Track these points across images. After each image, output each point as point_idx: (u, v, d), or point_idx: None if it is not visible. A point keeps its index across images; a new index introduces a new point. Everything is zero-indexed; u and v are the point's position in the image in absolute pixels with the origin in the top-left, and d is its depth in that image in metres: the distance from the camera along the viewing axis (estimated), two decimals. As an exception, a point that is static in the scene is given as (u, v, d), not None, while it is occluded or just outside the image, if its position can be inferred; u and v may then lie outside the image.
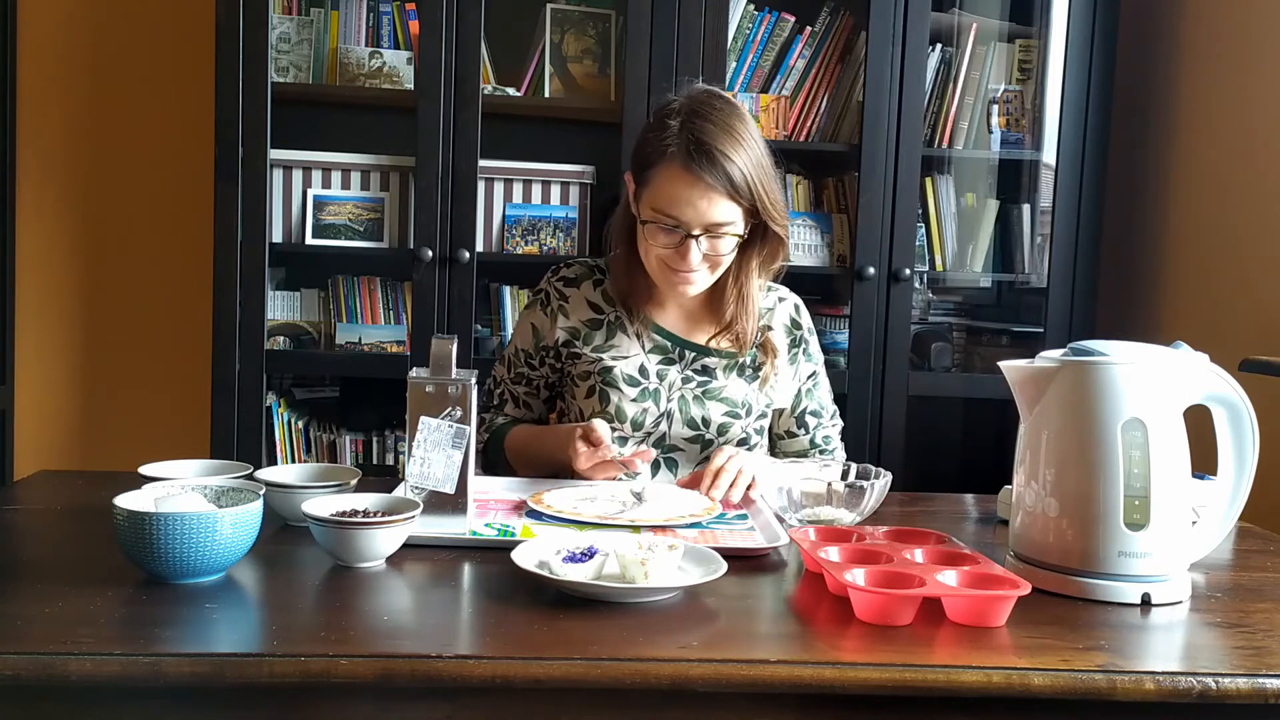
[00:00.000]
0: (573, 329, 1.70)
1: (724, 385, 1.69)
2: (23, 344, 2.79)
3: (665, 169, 1.55)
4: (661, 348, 1.69)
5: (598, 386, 1.66)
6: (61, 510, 1.40)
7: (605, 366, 1.67)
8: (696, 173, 1.52)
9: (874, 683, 0.93)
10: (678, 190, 1.53)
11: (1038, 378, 1.19)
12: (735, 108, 1.60)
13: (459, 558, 1.22)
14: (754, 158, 1.55)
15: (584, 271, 1.74)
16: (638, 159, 1.61)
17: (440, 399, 1.27)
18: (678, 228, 1.55)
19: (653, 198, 1.56)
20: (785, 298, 1.80)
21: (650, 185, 1.57)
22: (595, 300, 1.72)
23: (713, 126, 1.54)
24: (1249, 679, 0.95)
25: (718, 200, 1.53)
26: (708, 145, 1.52)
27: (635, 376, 1.67)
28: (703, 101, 1.59)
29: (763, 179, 1.56)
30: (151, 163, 2.78)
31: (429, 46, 2.36)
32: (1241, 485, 1.20)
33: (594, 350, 1.69)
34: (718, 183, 1.52)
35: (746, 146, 1.55)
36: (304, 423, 2.60)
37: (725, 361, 1.70)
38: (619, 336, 1.69)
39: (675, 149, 1.54)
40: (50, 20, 2.73)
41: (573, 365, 1.71)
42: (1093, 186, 2.54)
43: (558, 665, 0.92)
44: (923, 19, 2.47)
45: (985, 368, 2.68)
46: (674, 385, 1.67)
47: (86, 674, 0.89)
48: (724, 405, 1.68)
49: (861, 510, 1.39)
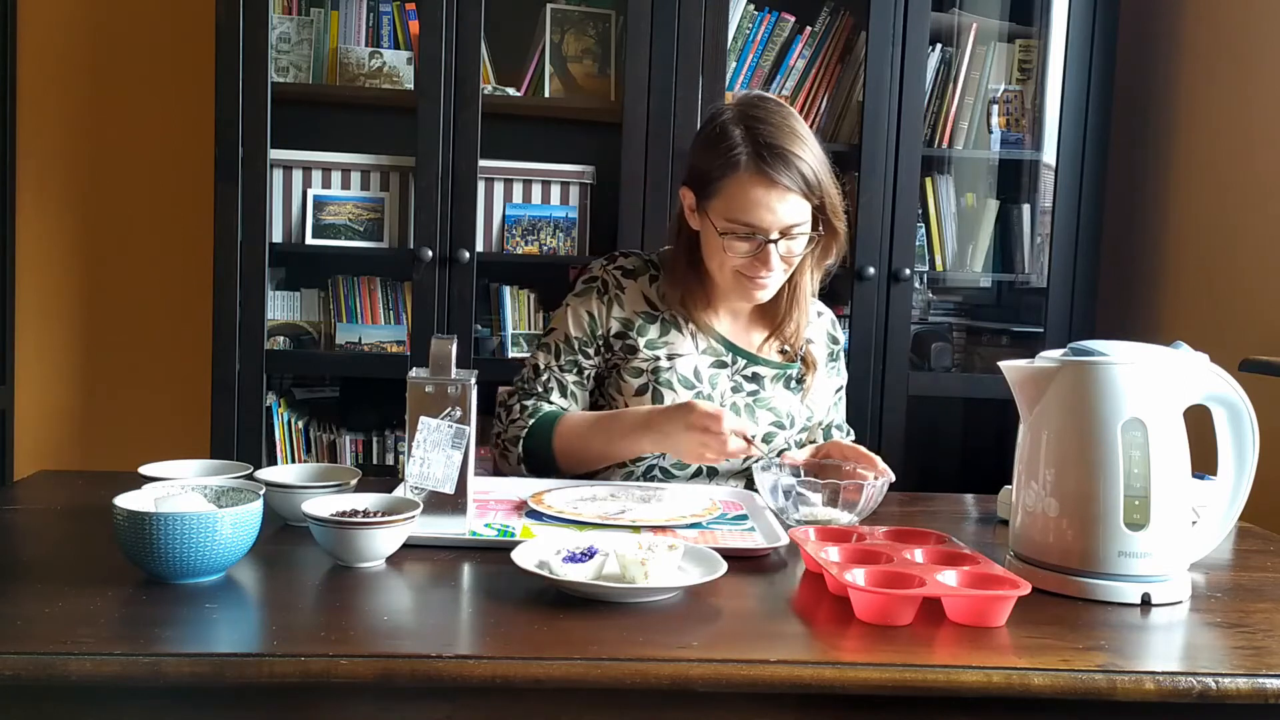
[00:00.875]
0: (626, 320, 1.68)
1: (771, 395, 1.68)
2: (23, 344, 2.79)
3: (738, 177, 1.54)
4: (714, 351, 1.68)
5: (650, 384, 1.64)
6: (61, 510, 1.40)
7: (661, 366, 1.65)
8: (772, 177, 1.52)
9: (874, 683, 0.93)
10: (755, 196, 1.53)
11: (1038, 378, 1.19)
12: (787, 108, 1.60)
13: (459, 558, 1.22)
14: (817, 154, 1.56)
15: (641, 265, 1.72)
16: (700, 172, 1.59)
17: (440, 399, 1.27)
18: (755, 234, 1.54)
19: (726, 208, 1.55)
20: (823, 312, 1.81)
21: (722, 196, 1.56)
22: (651, 296, 1.70)
23: (775, 129, 1.54)
24: (1249, 679, 0.95)
25: (793, 201, 1.54)
26: (778, 147, 1.52)
27: (690, 379, 1.65)
28: (757, 105, 1.59)
29: (827, 175, 1.57)
30: (151, 163, 2.78)
31: (429, 46, 2.36)
32: (1241, 485, 1.20)
33: (649, 345, 1.66)
34: (793, 184, 1.52)
35: (810, 144, 1.56)
36: (304, 423, 2.60)
37: (774, 372, 1.69)
38: (673, 334, 1.67)
39: (745, 156, 1.53)
40: (50, 20, 2.73)
41: (624, 359, 1.67)
42: (1093, 186, 2.54)
43: (558, 665, 0.92)
44: (923, 19, 2.47)
45: (985, 368, 2.68)
46: (725, 392, 1.66)
47: (86, 674, 0.89)
48: (771, 415, 1.67)
49: (860, 510, 1.39)
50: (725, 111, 1.60)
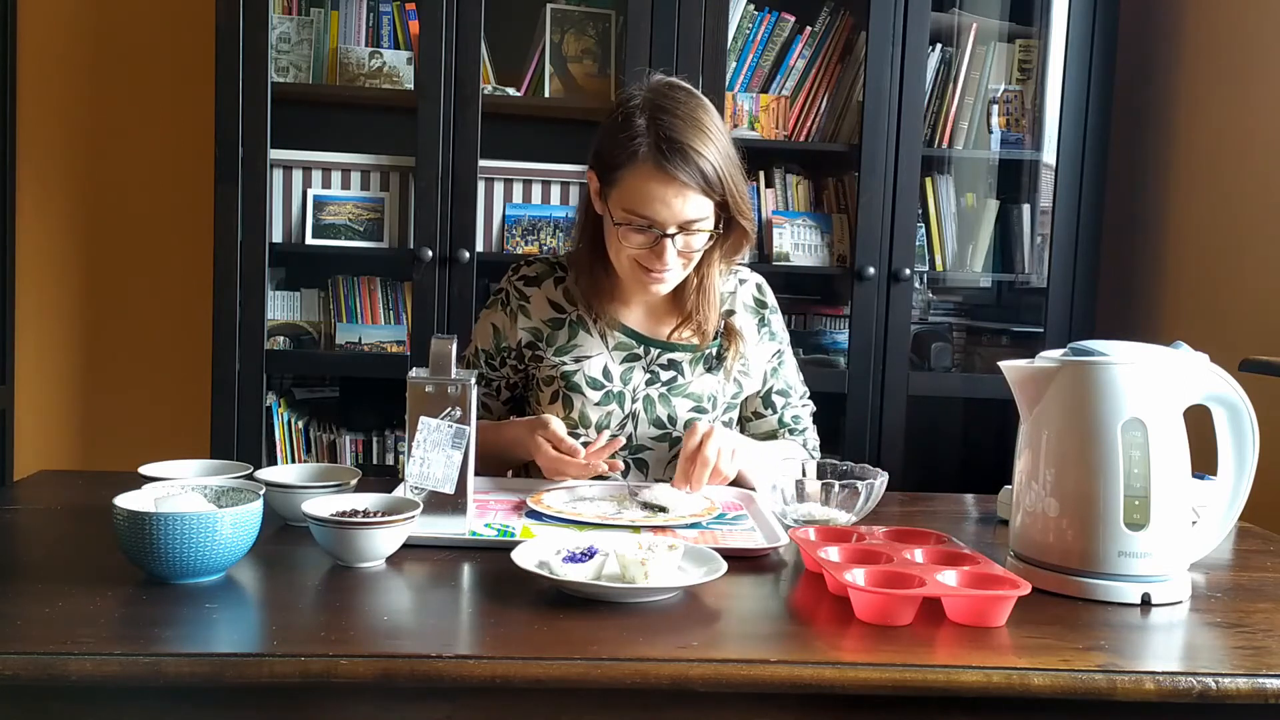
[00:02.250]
0: (535, 329, 1.67)
1: (690, 381, 1.66)
2: (23, 344, 2.79)
3: (636, 169, 1.50)
4: (625, 345, 1.66)
5: (560, 391, 1.64)
6: (61, 510, 1.40)
7: (567, 370, 1.64)
8: (670, 171, 1.48)
9: (874, 683, 0.93)
10: (651, 190, 1.50)
11: (1038, 378, 1.19)
12: (699, 99, 1.56)
13: (459, 558, 1.22)
14: (722, 150, 1.52)
15: (544, 270, 1.71)
16: (602, 158, 1.56)
17: (440, 399, 1.27)
18: (651, 227, 1.52)
19: (624, 198, 1.52)
20: (746, 279, 1.76)
21: (620, 185, 1.53)
22: (556, 299, 1.68)
23: (680, 121, 1.50)
24: (1249, 679, 0.95)
25: (692, 197, 1.50)
26: (679, 142, 1.48)
27: (598, 379, 1.64)
28: (665, 95, 1.54)
29: (732, 171, 1.53)
30: (151, 163, 2.78)
31: (429, 46, 2.36)
32: (1241, 485, 1.20)
33: (556, 352, 1.65)
34: (691, 180, 1.49)
35: (715, 140, 1.51)
36: (304, 423, 2.60)
37: (691, 355, 1.67)
38: (581, 336, 1.66)
39: (645, 147, 1.49)
40: (50, 20, 2.73)
41: (536, 368, 1.68)
42: (1093, 186, 2.54)
43: (558, 665, 0.92)
44: (923, 19, 2.47)
45: (985, 368, 2.68)
46: (638, 386, 1.65)
47: (86, 674, 0.89)
48: (690, 401, 1.65)
49: (857, 510, 1.39)
50: (635, 97, 1.55)
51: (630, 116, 1.52)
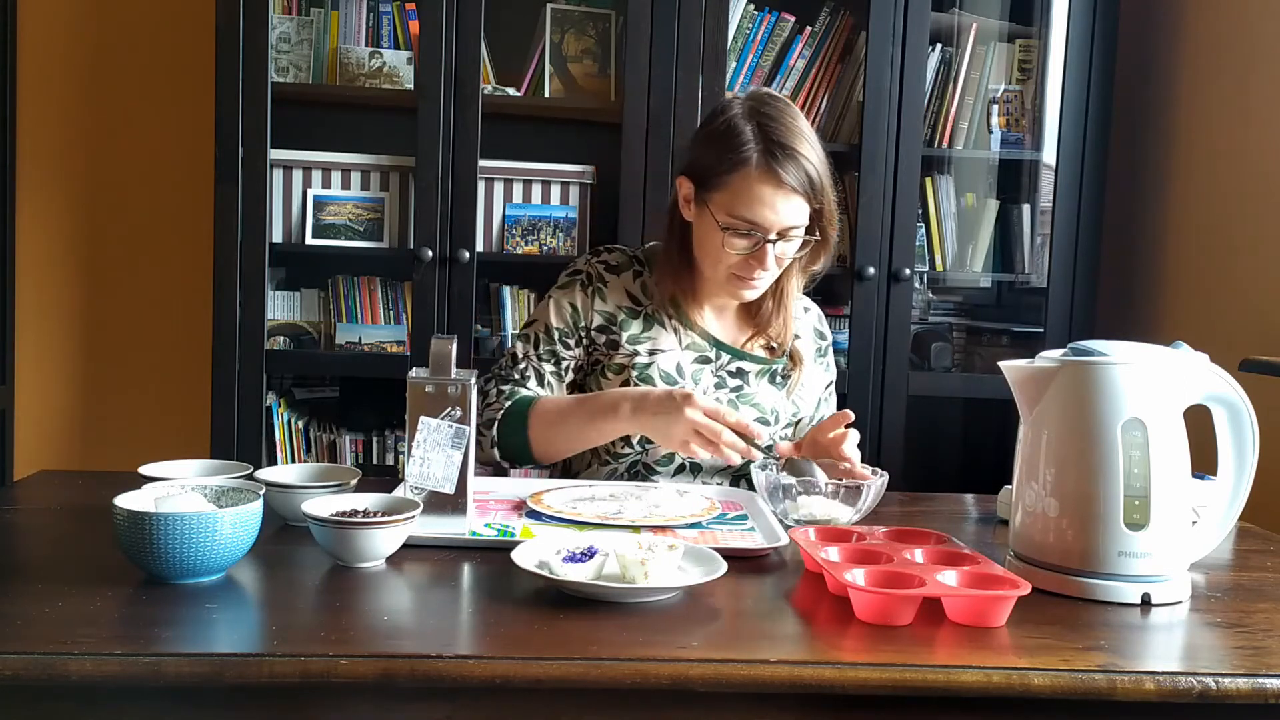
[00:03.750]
0: (609, 314, 1.68)
1: (755, 391, 1.68)
2: (23, 344, 2.79)
3: (747, 173, 1.53)
4: (698, 347, 1.68)
5: (631, 381, 1.64)
6: (61, 510, 1.40)
7: (643, 361, 1.65)
8: (780, 175, 1.52)
9: (874, 683, 0.93)
10: (761, 193, 1.53)
11: (1038, 378, 1.19)
12: (795, 109, 1.61)
13: (459, 558, 1.22)
14: (821, 157, 1.57)
15: (625, 260, 1.72)
16: (704, 165, 1.59)
17: (440, 399, 1.27)
18: (754, 232, 1.55)
19: (731, 203, 1.55)
20: (810, 307, 1.82)
21: (727, 190, 1.55)
22: (634, 291, 1.70)
23: (785, 128, 1.54)
24: (1249, 679, 0.95)
25: (796, 202, 1.54)
26: (789, 147, 1.52)
27: (671, 375, 1.65)
28: (767, 102, 1.58)
29: (829, 180, 1.57)
30: (151, 163, 2.78)
31: (429, 46, 2.36)
32: (1241, 485, 1.20)
33: (631, 340, 1.66)
34: (799, 185, 1.53)
35: (815, 146, 1.56)
36: (304, 423, 2.60)
37: (759, 367, 1.70)
38: (656, 329, 1.68)
39: (756, 153, 1.53)
40: (50, 20, 2.73)
41: (607, 354, 1.67)
42: (1093, 186, 2.54)
43: (558, 665, 0.92)
44: (923, 19, 2.47)
45: (985, 368, 2.68)
46: (707, 389, 1.66)
47: (86, 674, 0.89)
48: (755, 411, 1.67)
49: (858, 510, 1.39)
50: (734, 107, 1.60)
51: (736, 123, 1.56)
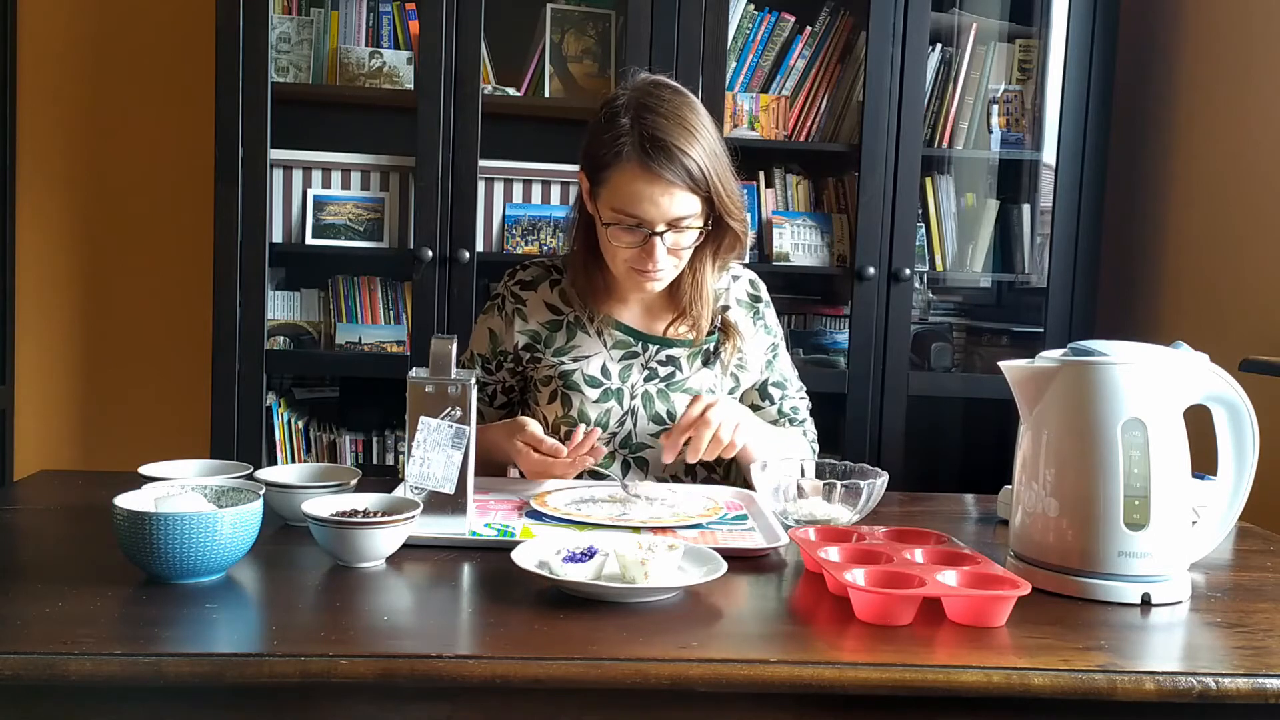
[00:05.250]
0: (533, 332, 1.67)
1: (688, 376, 1.67)
2: (23, 344, 2.79)
3: (622, 169, 1.51)
4: (623, 344, 1.67)
5: (559, 390, 1.64)
6: (61, 510, 1.40)
7: (566, 370, 1.64)
8: (655, 170, 1.48)
9: (874, 683, 0.93)
10: (638, 189, 1.50)
11: (1038, 378, 1.19)
12: (685, 96, 1.56)
13: (459, 558, 1.22)
14: (709, 148, 1.52)
15: (540, 273, 1.71)
16: (590, 159, 1.57)
17: (440, 399, 1.27)
18: (640, 226, 1.52)
19: (611, 198, 1.53)
20: (740, 275, 1.77)
21: (608, 186, 1.53)
22: (553, 301, 1.69)
23: (664, 120, 1.50)
24: (1249, 679, 0.95)
25: (678, 195, 1.50)
26: (663, 140, 1.48)
27: (597, 377, 1.64)
28: (650, 93, 1.54)
29: (719, 169, 1.52)
30: (151, 163, 2.78)
31: (429, 46, 2.36)
32: (1241, 485, 1.20)
33: (555, 353, 1.66)
34: (677, 178, 1.49)
35: (700, 137, 1.51)
36: (304, 423, 2.60)
37: (689, 351, 1.68)
38: (579, 336, 1.67)
39: (630, 147, 1.50)
40: (50, 20, 2.73)
41: (534, 370, 1.68)
42: (1093, 186, 2.54)
43: (558, 665, 0.92)
44: (923, 19, 2.47)
45: (985, 368, 2.68)
46: (636, 383, 1.65)
47: (86, 674, 0.89)
48: (689, 396, 1.64)
49: (858, 510, 1.39)
50: (620, 98, 1.56)
51: (615, 116, 1.53)
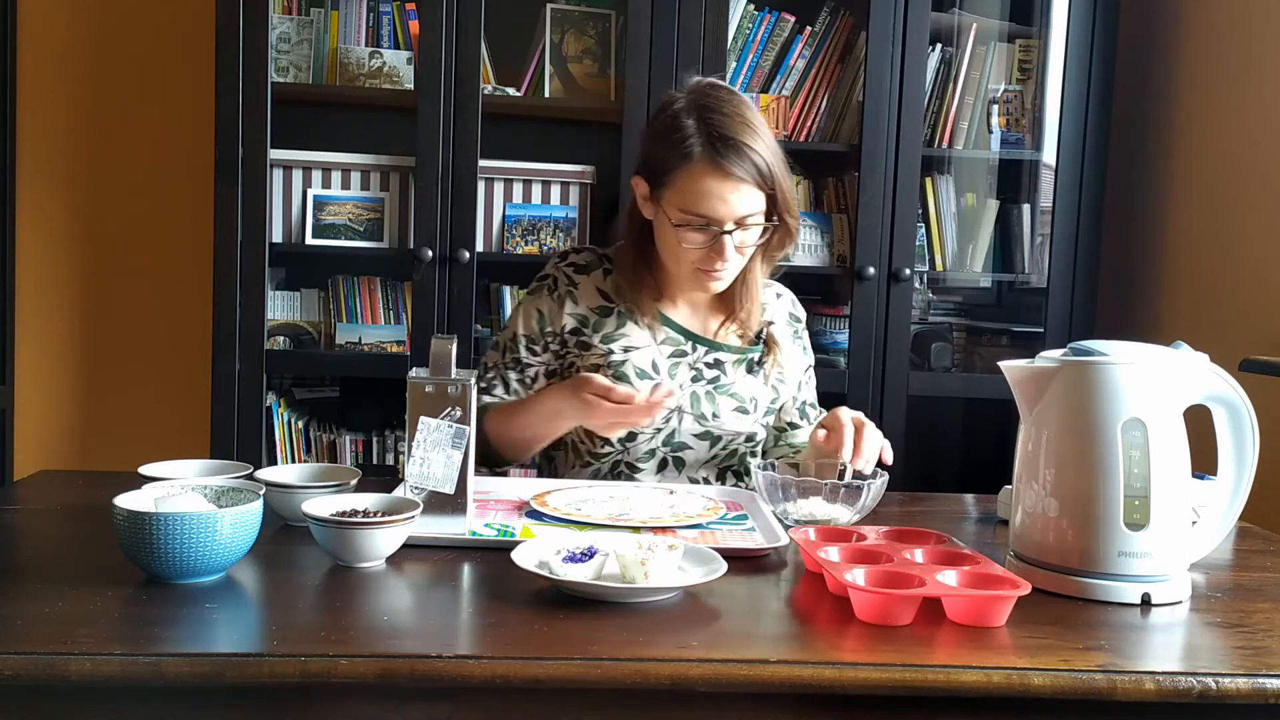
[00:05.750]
0: (582, 316, 1.68)
1: (733, 381, 1.68)
2: (23, 344, 2.79)
3: (690, 169, 1.53)
4: (673, 341, 1.68)
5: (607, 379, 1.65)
6: (61, 510, 1.40)
7: (616, 360, 1.65)
8: (725, 168, 1.51)
9: (874, 683, 0.93)
10: (708, 187, 1.52)
11: (1038, 378, 1.19)
12: (741, 97, 1.59)
13: (459, 558, 1.22)
14: (770, 145, 1.55)
15: (593, 260, 1.72)
16: (653, 163, 1.58)
17: (440, 399, 1.27)
18: (709, 225, 1.54)
19: (680, 199, 1.55)
20: (781, 293, 1.81)
21: (675, 187, 1.55)
22: (605, 289, 1.70)
23: (728, 119, 1.53)
24: (1249, 679, 0.95)
25: (747, 192, 1.53)
26: (732, 138, 1.51)
27: (647, 371, 1.65)
28: (709, 94, 1.57)
29: (780, 166, 1.56)
30: (151, 163, 2.78)
31: (429, 46, 2.36)
32: (1241, 485, 1.20)
33: (604, 340, 1.66)
34: (746, 174, 1.52)
35: (763, 134, 1.55)
36: (304, 423, 2.60)
37: (735, 356, 1.69)
38: (629, 327, 1.67)
39: (699, 147, 1.52)
40: (50, 20, 2.73)
41: (581, 356, 1.67)
42: (1093, 186, 2.54)
43: (558, 665, 0.92)
44: (923, 19, 2.47)
45: (985, 368, 2.68)
46: (684, 383, 1.66)
47: (86, 674, 0.89)
48: (734, 401, 1.67)
49: (858, 510, 1.39)
50: (678, 100, 1.58)
51: (678, 118, 1.55)
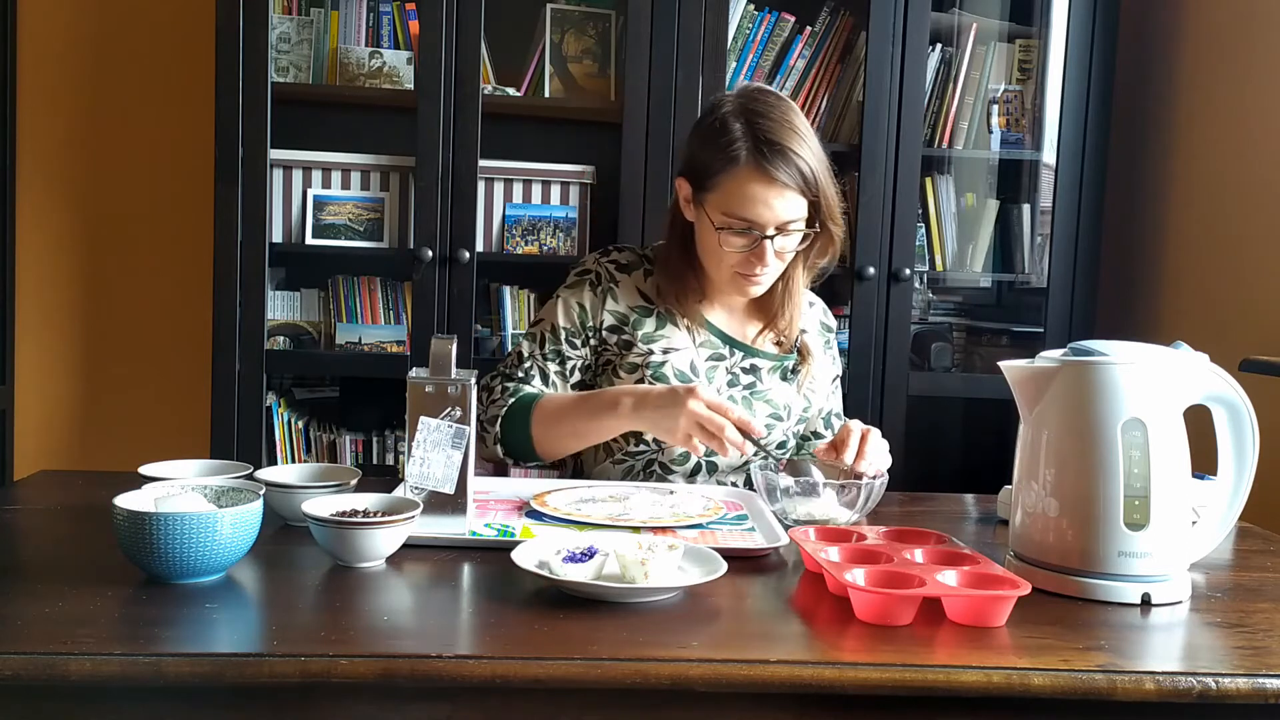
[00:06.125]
0: (622, 314, 1.67)
1: (769, 388, 1.68)
2: (23, 344, 2.79)
3: (735, 173, 1.53)
4: (711, 344, 1.68)
5: (645, 380, 1.64)
6: (61, 510, 1.40)
7: (657, 360, 1.64)
8: (770, 173, 1.51)
9: (874, 683, 0.93)
10: (752, 191, 1.52)
11: (1038, 378, 1.19)
12: (788, 102, 1.60)
13: (459, 558, 1.22)
14: (816, 152, 1.56)
15: (635, 260, 1.72)
16: (697, 165, 1.59)
17: (440, 399, 1.27)
18: (750, 229, 1.54)
19: (724, 202, 1.55)
20: (814, 302, 1.82)
21: (720, 190, 1.55)
22: (646, 290, 1.70)
23: (775, 124, 1.53)
24: (1249, 679, 0.95)
25: (790, 197, 1.53)
26: (778, 144, 1.51)
27: (685, 373, 1.65)
28: (757, 99, 1.58)
29: (825, 173, 1.56)
30: (151, 163, 2.78)
31: (429, 46, 2.36)
32: (1241, 485, 1.20)
33: (645, 339, 1.66)
34: (791, 180, 1.52)
35: (809, 141, 1.55)
36: (304, 423, 2.60)
37: (771, 364, 1.70)
38: (669, 328, 1.67)
39: (745, 151, 1.52)
40: (50, 20, 2.73)
41: (619, 354, 1.67)
42: (1093, 186, 2.54)
43: (558, 665, 0.92)
44: (923, 19, 2.47)
45: (985, 368, 2.68)
46: (720, 387, 1.66)
47: (86, 674, 0.89)
48: (768, 408, 1.67)
49: (858, 510, 1.39)
50: (725, 104, 1.59)
51: (725, 121, 1.56)
